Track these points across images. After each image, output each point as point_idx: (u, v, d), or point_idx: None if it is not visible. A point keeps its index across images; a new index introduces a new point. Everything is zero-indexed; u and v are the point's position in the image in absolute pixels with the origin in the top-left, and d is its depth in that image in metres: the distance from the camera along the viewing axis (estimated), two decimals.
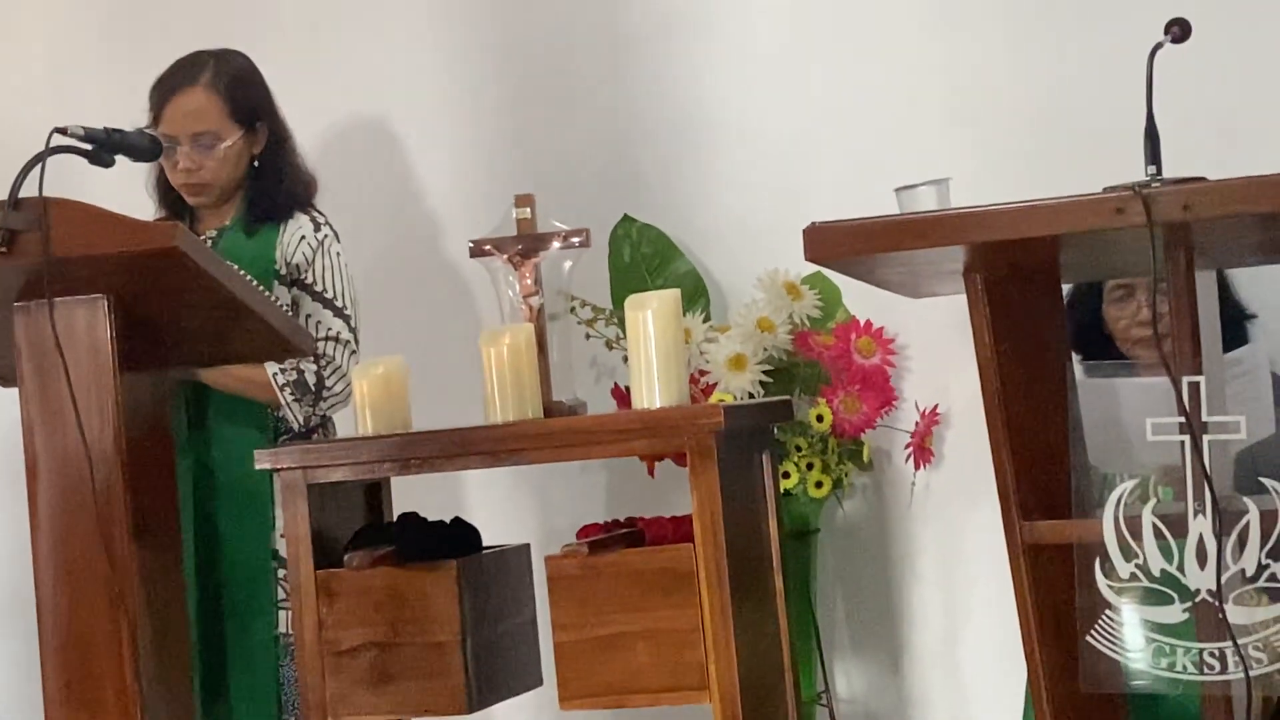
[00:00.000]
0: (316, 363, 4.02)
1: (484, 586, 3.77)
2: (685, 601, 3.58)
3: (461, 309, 4.69)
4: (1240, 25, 4.17)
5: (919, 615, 4.49)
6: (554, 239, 3.86)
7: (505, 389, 3.72)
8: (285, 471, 3.76)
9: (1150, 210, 3.07)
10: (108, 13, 4.96)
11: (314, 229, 4.12)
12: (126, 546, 3.51)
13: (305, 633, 3.74)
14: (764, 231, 4.46)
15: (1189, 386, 3.16)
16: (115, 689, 3.50)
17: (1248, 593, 3.15)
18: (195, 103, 4.09)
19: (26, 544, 3.58)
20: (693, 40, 4.59)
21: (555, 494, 4.64)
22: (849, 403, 4.29)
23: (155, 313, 3.60)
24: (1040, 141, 4.30)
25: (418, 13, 4.77)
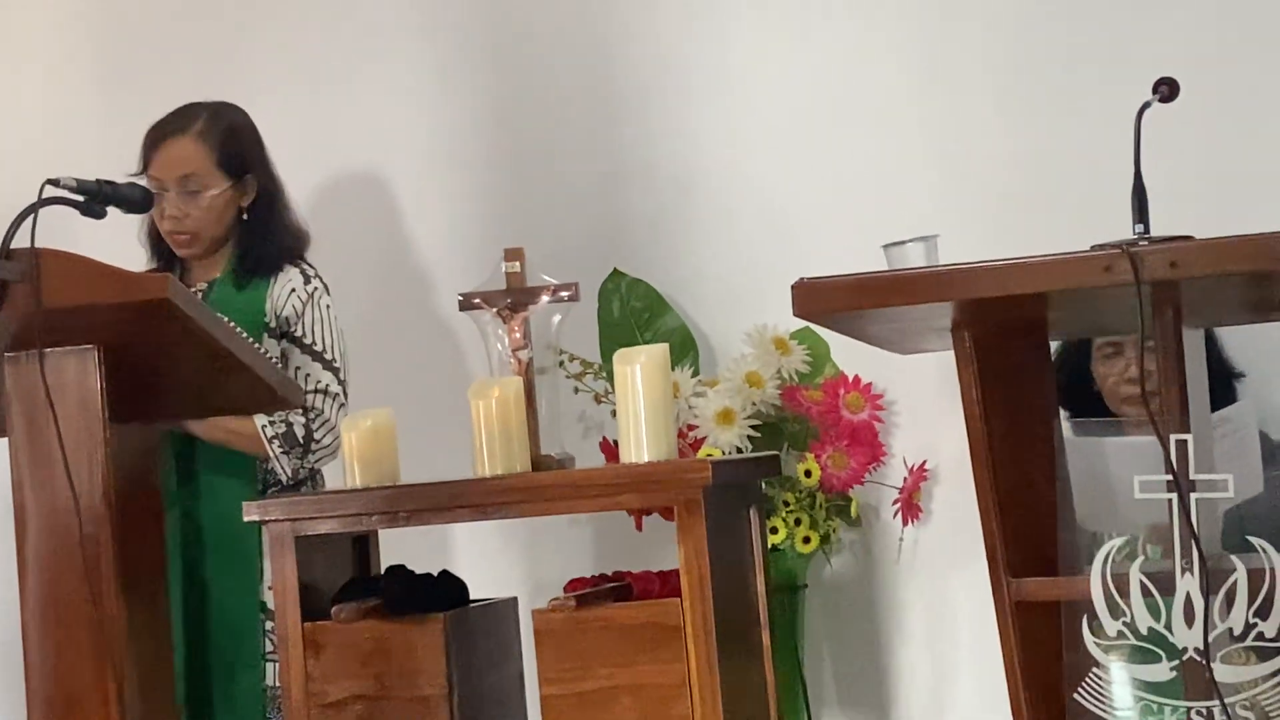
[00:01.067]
0: (305, 415, 4.02)
1: (471, 640, 3.76)
2: (672, 656, 3.58)
3: (450, 362, 4.69)
4: (1228, 85, 4.19)
5: (906, 672, 4.48)
6: (543, 293, 3.86)
7: (494, 442, 3.72)
8: (273, 523, 3.76)
9: (1138, 268, 3.09)
10: (103, 64, 4.97)
11: (304, 281, 4.12)
12: (114, 599, 3.49)
13: (292, 685, 3.73)
14: (752, 287, 4.46)
15: (1176, 444, 3.17)
16: None
17: (1235, 651, 3.15)
18: (184, 150, 4.09)
19: (13, 594, 3.56)
20: (683, 98, 4.60)
21: (543, 548, 4.63)
22: (837, 458, 4.29)
23: (145, 364, 3.60)
24: (1028, 199, 4.31)
25: (409, 67, 4.78)
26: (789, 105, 4.53)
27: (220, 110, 4.17)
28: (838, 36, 4.50)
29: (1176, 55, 4.13)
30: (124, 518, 3.54)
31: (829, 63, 4.51)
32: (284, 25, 4.86)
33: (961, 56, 4.40)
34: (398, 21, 4.79)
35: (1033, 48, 4.36)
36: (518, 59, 4.72)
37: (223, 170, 4.10)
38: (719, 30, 4.59)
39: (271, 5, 4.87)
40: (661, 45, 4.62)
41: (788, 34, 4.54)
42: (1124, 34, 4.28)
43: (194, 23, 4.91)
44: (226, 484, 4.01)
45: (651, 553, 4.30)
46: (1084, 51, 4.31)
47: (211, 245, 4.14)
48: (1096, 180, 3.88)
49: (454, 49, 4.76)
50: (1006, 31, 4.38)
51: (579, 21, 4.68)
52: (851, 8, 4.49)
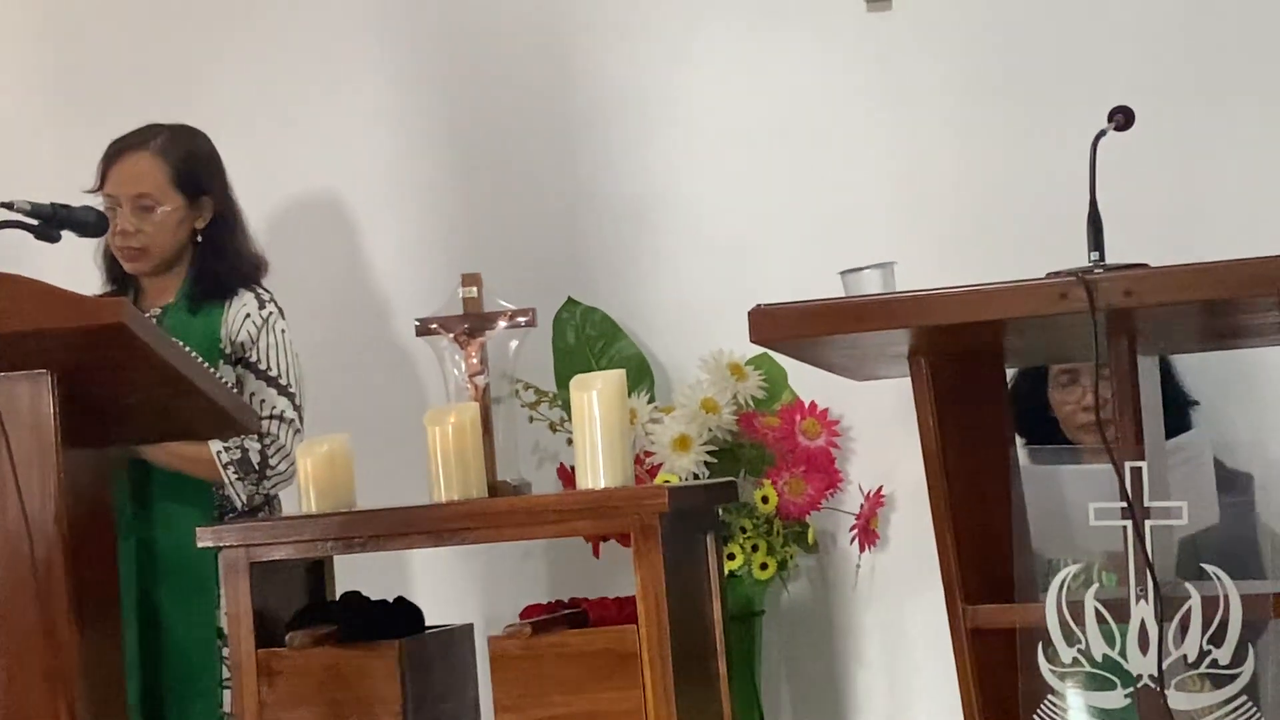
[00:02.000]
0: (261, 442, 4.00)
1: (426, 667, 3.75)
2: (628, 683, 3.57)
3: (406, 388, 4.68)
4: (1183, 115, 4.22)
5: (863, 699, 4.48)
6: (500, 318, 3.87)
7: (450, 468, 3.71)
8: (227, 549, 3.75)
9: (1093, 296, 3.10)
10: (58, 88, 4.96)
11: (259, 306, 4.10)
12: (67, 625, 3.45)
13: (246, 713, 3.71)
14: (708, 313, 4.47)
15: (1131, 471, 3.17)
16: None
17: (1190, 678, 3.16)
18: (140, 165, 4.08)
19: None
20: (640, 125, 4.61)
21: (499, 574, 4.62)
22: (794, 484, 4.30)
23: (99, 389, 3.57)
24: (985, 227, 4.33)
25: (367, 93, 4.78)
26: (745, 133, 4.54)
27: (181, 131, 4.17)
28: (793, 64, 4.52)
29: (1132, 84, 4.17)
30: (77, 543, 3.50)
31: (785, 90, 4.52)
32: (241, 51, 4.85)
33: (918, 84, 4.42)
34: (356, 47, 4.79)
35: (989, 76, 4.38)
36: (474, 87, 4.73)
37: (178, 189, 4.09)
38: (674, 58, 4.60)
39: (229, 31, 4.86)
40: (617, 73, 4.63)
41: (743, 62, 4.55)
42: (1080, 63, 4.31)
43: (151, 47, 4.90)
44: (182, 510, 3.99)
45: (608, 580, 4.30)
46: (1040, 80, 4.34)
47: (161, 264, 4.11)
48: (1052, 208, 3.91)
49: (411, 76, 4.76)
50: (962, 59, 4.40)
51: (536, 49, 4.69)
52: (806, 36, 4.51)
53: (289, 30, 4.83)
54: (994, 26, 4.38)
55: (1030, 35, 4.35)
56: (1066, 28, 4.34)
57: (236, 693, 3.73)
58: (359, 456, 3.89)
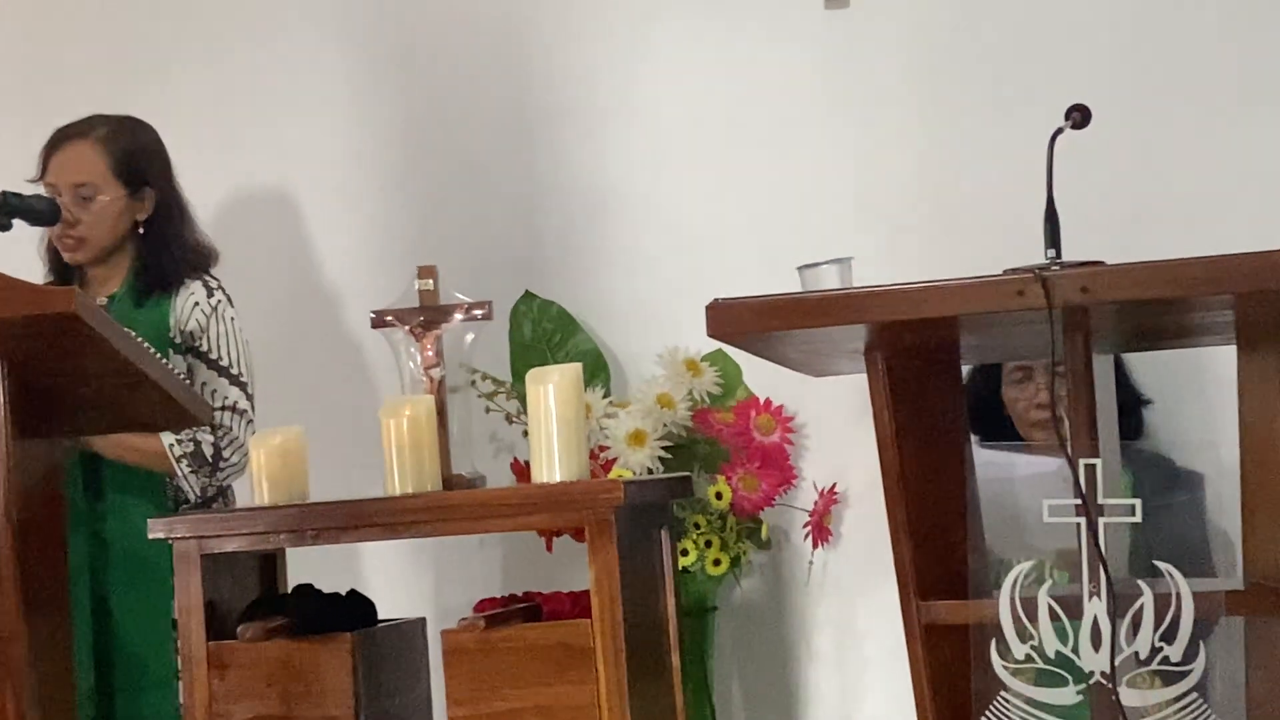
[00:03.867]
0: (214, 434, 3.99)
1: (379, 660, 3.75)
2: (582, 678, 3.58)
3: (360, 380, 4.67)
4: (1140, 112, 4.24)
5: (815, 694, 4.49)
6: (456, 311, 3.87)
7: (405, 461, 3.71)
8: (179, 541, 3.74)
9: (1050, 293, 3.10)
10: (7, 78, 4.93)
11: (207, 295, 4.08)
12: (15, 617, 3.44)
13: (196, 706, 3.71)
14: (665, 308, 4.47)
15: (1085, 468, 3.18)
16: None
17: (1141, 675, 3.17)
18: (80, 154, 4.06)
19: None
20: (597, 119, 4.61)
21: (452, 568, 4.62)
22: (748, 480, 4.30)
23: (50, 379, 3.55)
24: (942, 223, 4.34)
25: (322, 83, 4.77)
26: (701, 128, 4.54)
27: (124, 122, 4.14)
28: (750, 60, 4.52)
29: (1089, 82, 4.19)
30: (26, 535, 3.49)
31: (742, 86, 4.52)
32: (195, 42, 4.83)
33: (875, 82, 4.43)
34: (311, 38, 4.78)
35: (946, 74, 4.39)
36: (431, 78, 4.72)
37: (118, 179, 4.06)
38: (631, 53, 4.60)
39: (182, 22, 4.84)
40: (574, 67, 4.63)
41: (700, 57, 4.55)
42: (1037, 61, 4.32)
43: (103, 38, 4.88)
44: (134, 502, 3.98)
45: (561, 573, 4.30)
46: (997, 78, 4.35)
47: (100, 254, 4.09)
48: (1009, 205, 3.91)
49: (366, 66, 4.75)
50: (919, 58, 4.41)
51: (493, 41, 4.68)
52: (764, 33, 4.51)
53: (244, 21, 4.82)
54: (951, 25, 4.39)
55: (987, 33, 4.37)
56: (1023, 26, 4.35)
57: (187, 686, 3.72)
58: (311, 449, 3.88)
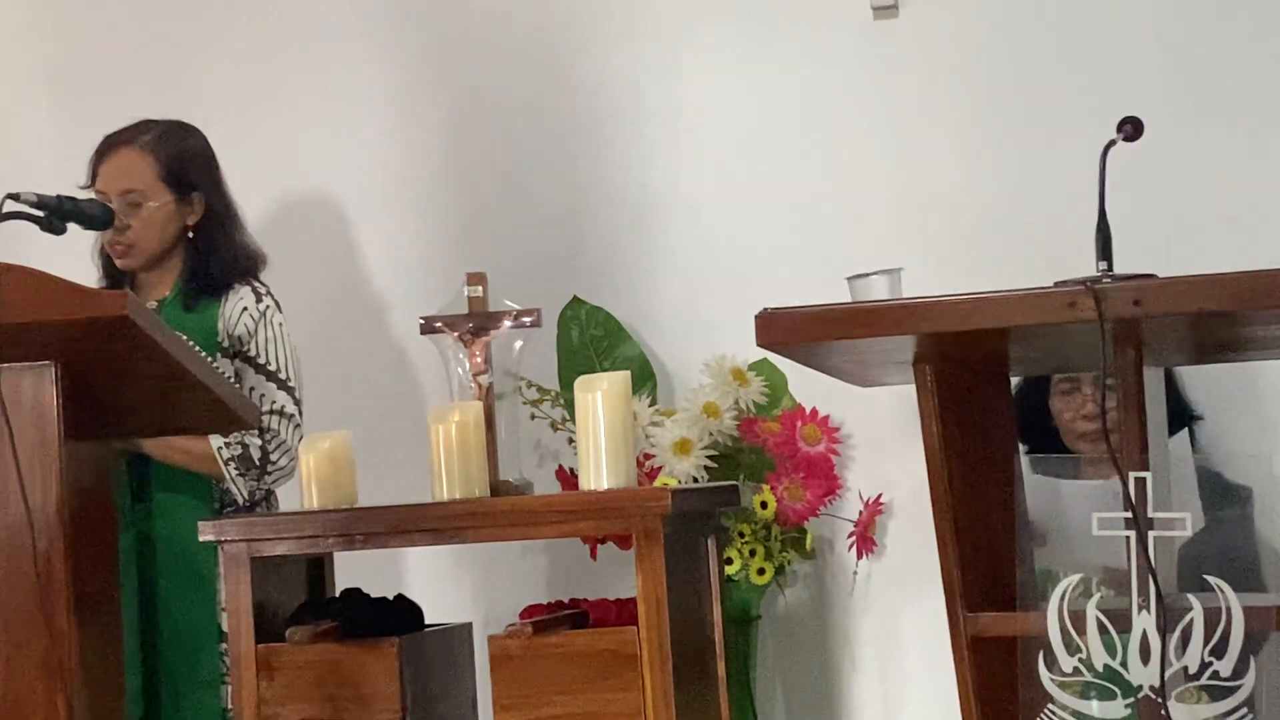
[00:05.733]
0: (262, 437, 4.00)
1: (425, 665, 3.76)
2: (628, 685, 3.58)
3: (407, 386, 4.68)
4: (1192, 124, 4.23)
5: (857, 706, 4.48)
6: (505, 318, 3.87)
7: (453, 467, 3.72)
8: (228, 544, 3.76)
9: (1101, 305, 3.10)
10: (60, 83, 4.96)
11: (255, 300, 4.10)
12: (66, 616, 3.46)
13: (244, 708, 3.72)
14: (712, 317, 4.48)
15: (1135, 482, 3.18)
16: None
17: (1190, 690, 3.17)
18: (128, 161, 4.07)
19: None
20: (644, 125, 4.61)
21: (496, 574, 4.62)
22: (793, 490, 4.30)
23: (102, 381, 3.57)
24: (991, 235, 4.33)
25: (368, 92, 4.78)
26: (751, 137, 4.54)
27: (171, 127, 4.15)
28: (797, 68, 4.52)
29: (1140, 93, 4.18)
30: (78, 535, 3.51)
31: (792, 95, 4.52)
32: (244, 47, 4.85)
33: (925, 91, 4.43)
34: (359, 44, 4.79)
35: (997, 84, 4.39)
36: (477, 84, 4.73)
37: (166, 185, 4.08)
38: (677, 59, 4.60)
39: (231, 28, 4.86)
40: (620, 73, 4.63)
41: (746, 64, 4.55)
42: (1088, 72, 4.31)
43: (152, 42, 4.90)
44: (182, 503, 3.99)
45: (605, 581, 4.31)
46: (1048, 89, 4.34)
47: (150, 259, 4.10)
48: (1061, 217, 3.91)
49: (413, 73, 4.76)
50: (969, 67, 4.41)
51: (538, 47, 4.69)
52: (813, 43, 4.51)
53: (291, 26, 4.83)
54: (1001, 35, 4.38)
55: (1038, 44, 4.36)
56: (1074, 36, 4.34)
57: (236, 688, 3.74)
58: (359, 454, 3.89)
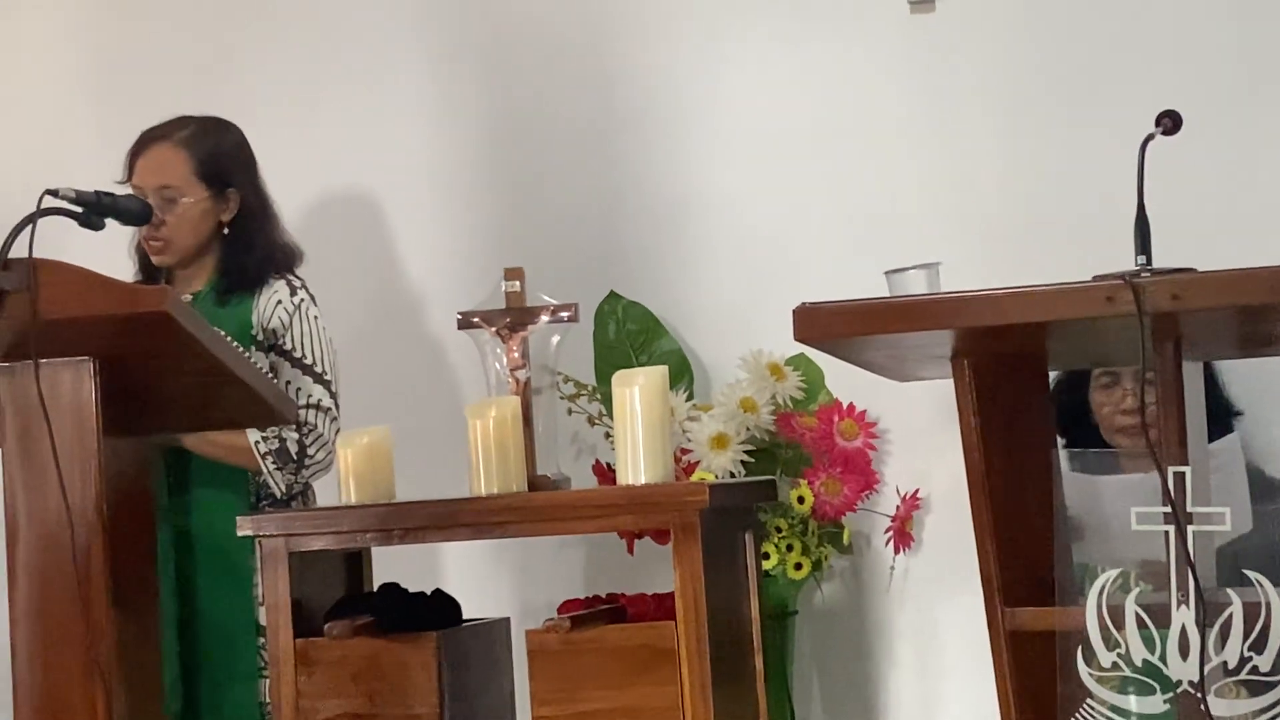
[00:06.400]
0: (299, 431, 4.01)
1: (463, 660, 3.77)
2: (665, 679, 3.58)
3: (444, 381, 4.70)
4: (1231, 118, 4.22)
5: (894, 701, 4.48)
6: (543, 313, 3.88)
7: (490, 461, 3.73)
8: (267, 538, 3.77)
9: (1140, 299, 3.10)
10: (100, 79, 4.99)
11: (290, 293, 4.10)
12: (105, 612, 3.49)
13: (283, 701, 3.73)
14: (749, 312, 4.48)
15: (1175, 476, 3.17)
16: None
17: (1229, 685, 3.16)
18: (163, 156, 4.09)
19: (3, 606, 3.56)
20: (680, 121, 4.62)
21: (534, 569, 4.63)
22: (830, 485, 4.30)
23: (140, 377, 3.59)
24: (1028, 229, 4.33)
25: (407, 87, 4.79)
26: (786, 131, 4.54)
27: (207, 123, 4.17)
28: (833, 62, 4.52)
29: (1179, 86, 4.16)
30: (116, 530, 3.54)
31: (825, 90, 4.52)
32: (281, 43, 4.87)
33: (962, 85, 4.43)
34: (396, 43, 4.81)
35: (1034, 77, 4.38)
36: (514, 82, 4.74)
37: (201, 180, 4.09)
38: (714, 56, 4.61)
39: (270, 26, 4.88)
40: (659, 72, 4.64)
41: (782, 59, 4.56)
42: (1126, 65, 4.31)
43: (191, 38, 4.93)
44: (220, 497, 4.00)
45: (642, 575, 4.31)
46: (1086, 82, 4.34)
47: (186, 255, 4.11)
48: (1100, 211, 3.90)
49: (451, 72, 4.78)
50: (1006, 60, 4.40)
51: (574, 45, 4.70)
52: (847, 34, 4.51)
53: (330, 23, 4.85)
54: (1039, 27, 4.38)
55: (1076, 36, 4.35)
56: (1112, 29, 4.33)
57: (274, 682, 3.75)
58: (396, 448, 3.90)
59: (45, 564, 3.52)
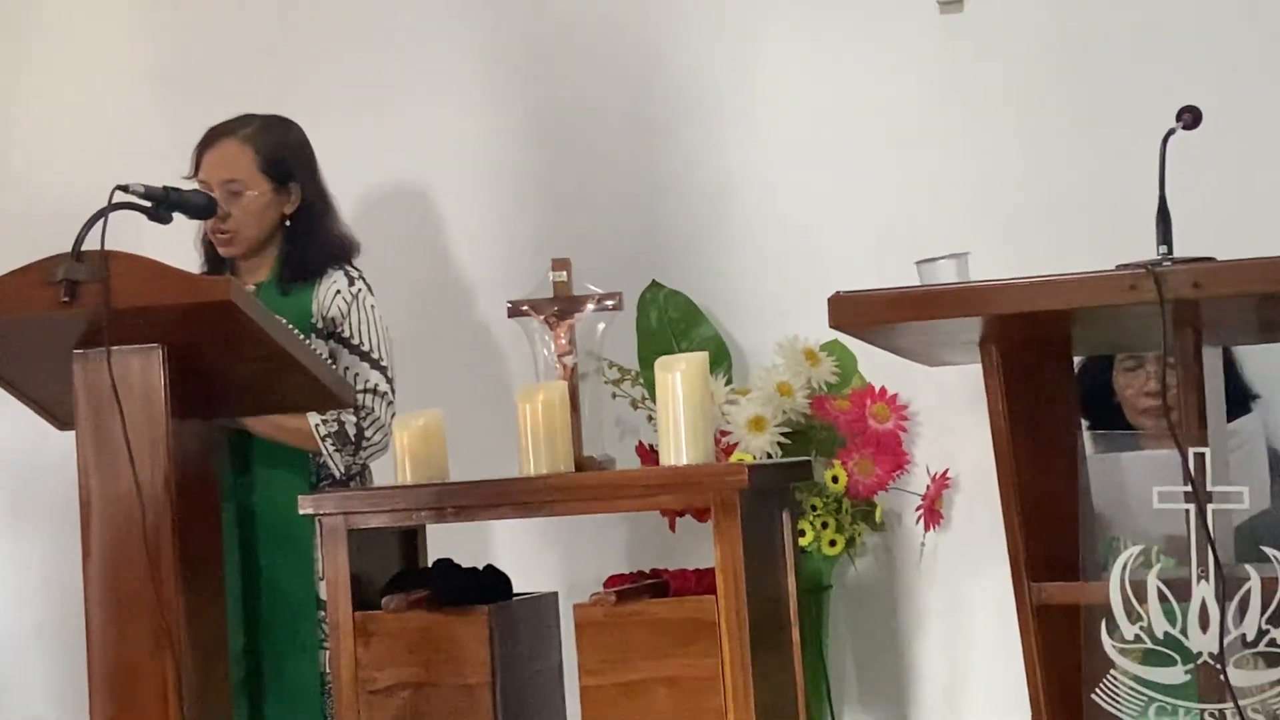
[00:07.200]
0: (357, 414, 4.02)
1: (513, 632, 3.78)
2: (707, 651, 3.59)
3: (494, 367, 4.71)
4: (1249, 113, 4.20)
5: (924, 671, 4.49)
6: (589, 301, 3.88)
7: (539, 443, 3.73)
8: (327, 516, 3.78)
9: (1162, 287, 3.09)
10: (166, 79, 5.01)
11: (348, 283, 4.12)
12: (173, 585, 3.51)
13: (342, 672, 3.75)
14: (785, 300, 4.48)
15: (1195, 457, 3.17)
16: None
17: (1247, 657, 3.15)
18: (229, 152, 4.10)
19: (77, 579, 3.58)
20: (722, 120, 4.62)
21: (579, 545, 4.64)
22: (863, 465, 4.30)
23: (206, 363, 3.61)
24: (1054, 220, 4.32)
25: (457, 87, 4.80)
26: (819, 125, 4.54)
27: (270, 121, 4.18)
28: (865, 61, 4.52)
29: (1199, 81, 4.16)
30: (183, 507, 3.56)
31: (858, 87, 4.52)
32: (338, 43, 4.89)
33: (990, 82, 4.42)
34: (446, 43, 4.82)
35: (1060, 73, 4.37)
36: (560, 80, 4.74)
37: (265, 175, 4.11)
38: (750, 57, 4.61)
39: (326, 25, 4.90)
40: (698, 70, 4.64)
41: (816, 58, 4.55)
42: (1148, 61, 4.29)
43: (251, 40, 4.95)
44: (281, 477, 4.02)
45: (682, 552, 4.32)
46: (1109, 77, 4.33)
47: (250, 246, 4.13)
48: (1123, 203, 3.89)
49: (504, 74, 4.78)
50: (1033, 56, 4.39)
51: (621, 47, 4.70)
52: (878, 34, 4.50)
53: (384, 23, 4.86)
54: (1064, 26, 4.36)
55: (1099, 34, 4.34)
56: (1135, 26, 4.32)
57: (334, 653, 3.76)
58: (450, 431, 3.91)
59: (117, 540, 3.54)
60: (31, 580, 5.08)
